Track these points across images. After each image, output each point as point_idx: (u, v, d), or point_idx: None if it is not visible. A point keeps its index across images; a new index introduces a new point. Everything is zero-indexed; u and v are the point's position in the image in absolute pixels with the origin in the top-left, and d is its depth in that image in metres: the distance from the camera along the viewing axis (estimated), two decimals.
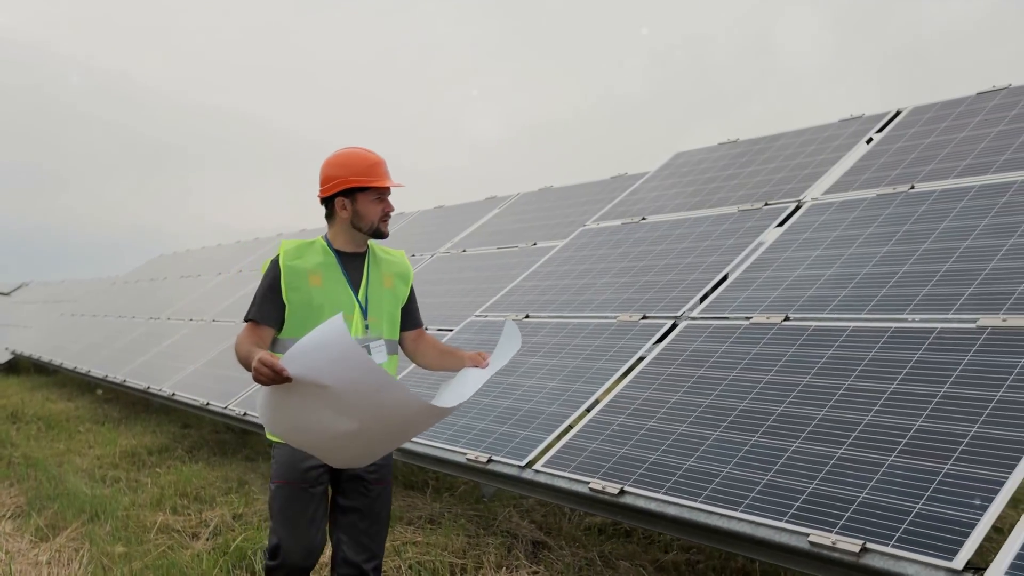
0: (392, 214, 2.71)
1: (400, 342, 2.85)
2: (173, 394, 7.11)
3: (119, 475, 6.30)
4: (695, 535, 2.75)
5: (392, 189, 2.70)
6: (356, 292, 2.65)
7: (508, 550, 3.96)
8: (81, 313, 14.54)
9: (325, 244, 2.69)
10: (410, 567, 3.75)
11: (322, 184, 2.67)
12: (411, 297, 2.85)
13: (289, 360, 2.10)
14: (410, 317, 2.85)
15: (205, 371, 7.35)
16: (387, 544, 4.16)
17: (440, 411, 2.30)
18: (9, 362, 14.78)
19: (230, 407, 6.01)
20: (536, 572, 3.68)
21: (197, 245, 15.31)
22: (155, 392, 7.56)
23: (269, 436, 2.68)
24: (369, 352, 2.61)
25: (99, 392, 11.09)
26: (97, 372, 9.26)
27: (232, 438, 7.60)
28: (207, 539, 4.48)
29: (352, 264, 2.69)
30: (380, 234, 2.69)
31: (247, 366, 2.35)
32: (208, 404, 6.36)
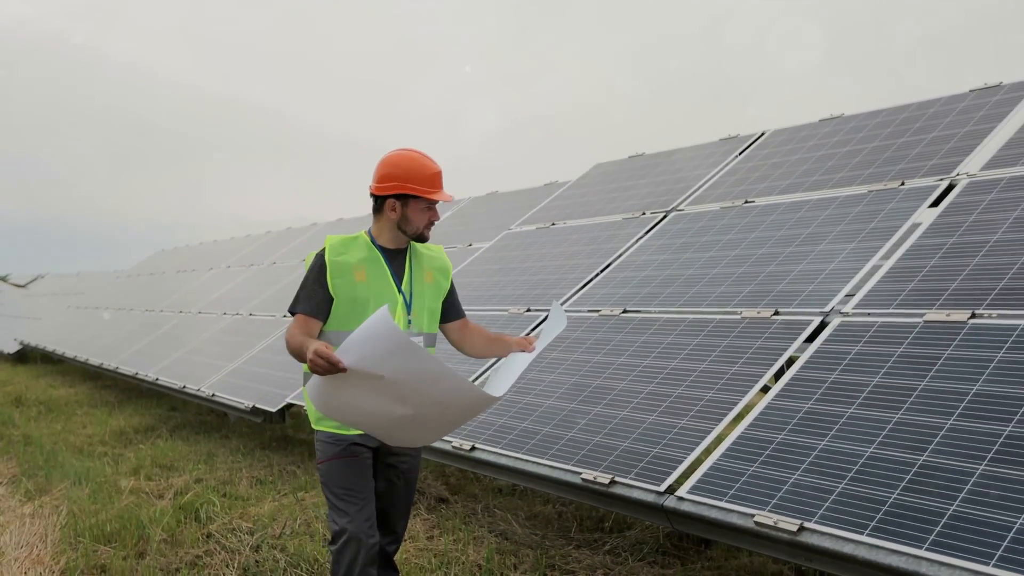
0: (436, 220, 2.78)
1: (446, 334, 2.96)
2: (156, 379, 7.93)
3: (106, 450, 7.11)
4: (518, 478, 3.51)
5: None
6: (400, 287, 2.70)
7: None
8: (86, 306, 15.43)
9: (369, 240, 2.74)
10: (317, 517, 4.54)
11: (378, 181, 2.70)
12: (452, 290, 2.92)
13: (344, 352, 2.15)
14: (453, 309, 2.93)
15: (187, 358, 8.17)
16: (296, 498, 4.96)
17: (490, 399, 2.40)
18: (19, 352, 15.67)
19: (201, 389, 6.82)
20: (428, 519, 4.46)
21: (214, 236, 16.14)
22: (142, 377, 8.39)
23: (314, 425, 2.72)
24: None
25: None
26: (94, 360, 10.10)
27: (213, 419, 8.39)
28: (170, 499, 5.28)
29: (395, 260, 2.74)
30: (422, 239, 2.76)
31: (300, 357, 2.43)
32: (184, 387, 7.18)
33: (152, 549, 4.19)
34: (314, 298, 2.63)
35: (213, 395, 6.59)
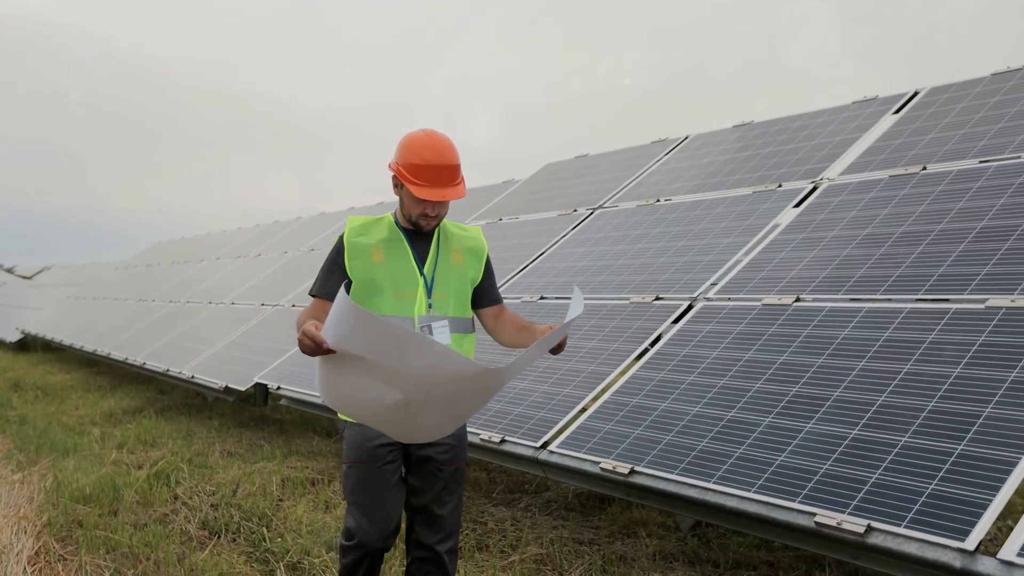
0: (432, 214, 2.54)
1: (480, 320, 2.79)
2: (144, 363, 8.49)
3: (95, 429, 7.66)
4: None
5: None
6: (421, 269, 2.56)
7: None
8: (84, 296, 16.01)
9: (392, 221, 2.63)
10: (282, 480, 5.09)
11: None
12: (487, 273, 2.72)
13: (325, 332, 2.11)
14: (487, 294, 2.73)
15: (173, 344, 8.73)
16: (261, 465, 5.50)
17: (488, 372, 2.06)
18: (20, 340, 16.26)
19: (182, 372, 7.37)
20: None
21: (221, 227, 16.68)
22: (131, 362, 8.95)
23: (341, 416, 2.62)
24: (431, 332, 2.51)
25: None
26: (89, 347, 10.67)
27: (198, 402, 8.94)
28: (147, 468, 5.83)
29: (420, 241, 2.60)
30: (419, 228, 2.58)
31: None
32: (168, 370, 7.73)
33: (124, 508, 4.74)
34: (330, 280, 2.56)
35: (192, 377, 7.14)
